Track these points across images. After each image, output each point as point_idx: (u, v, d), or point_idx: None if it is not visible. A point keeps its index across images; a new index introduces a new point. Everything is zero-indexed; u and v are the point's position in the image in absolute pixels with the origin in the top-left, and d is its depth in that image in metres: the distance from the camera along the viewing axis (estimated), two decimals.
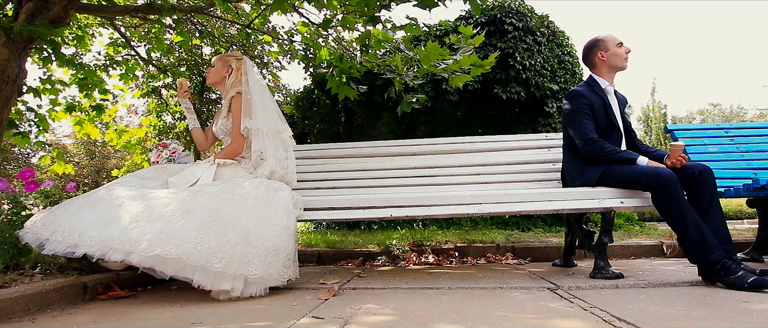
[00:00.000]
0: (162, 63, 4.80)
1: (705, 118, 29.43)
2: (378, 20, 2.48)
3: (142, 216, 1.72)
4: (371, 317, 1.40)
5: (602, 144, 2.15)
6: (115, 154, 13.90)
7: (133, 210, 1.75)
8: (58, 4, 2.34)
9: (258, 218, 1.83)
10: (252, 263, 1.73)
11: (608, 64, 2.27)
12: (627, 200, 2.09)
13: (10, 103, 2.37)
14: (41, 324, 1.38)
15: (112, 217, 1.73)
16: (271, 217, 1.87)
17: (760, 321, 1.25)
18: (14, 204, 1.99)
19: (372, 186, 2.76)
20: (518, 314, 1.41)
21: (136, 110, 8.66)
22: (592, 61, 2.32)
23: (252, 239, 1.76)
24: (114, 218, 1.73)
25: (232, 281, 1.69)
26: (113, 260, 1.64)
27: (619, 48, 2.26)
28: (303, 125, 5.97)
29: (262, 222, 1.82)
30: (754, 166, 2.61)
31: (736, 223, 7.51)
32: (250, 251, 1.74)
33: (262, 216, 1.84)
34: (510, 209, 2.13)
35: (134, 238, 1.64)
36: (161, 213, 1.73)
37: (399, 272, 2.48)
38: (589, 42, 2.34)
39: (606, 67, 2.29)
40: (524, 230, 4.33)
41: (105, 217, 1.74)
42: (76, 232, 1.69)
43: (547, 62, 4.90)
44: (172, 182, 2.07)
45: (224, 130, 2.31)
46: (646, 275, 2.09)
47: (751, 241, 2.84)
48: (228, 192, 1.88)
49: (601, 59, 2.28)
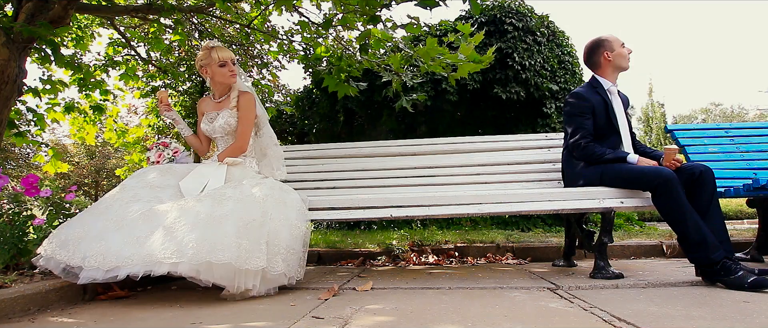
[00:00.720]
0: (162, 63, 4.80)
1: (706, 117, 29.44)
2: (378, 19, 2.48)
3: (175, 228, 1.71)
4: (371, 317, 1.40)
5: (592, 148, 2.16)
6: (115, 154, 13.91)
7: (165, 224, 1.74)
8: (58, 4, 2.34)
9: (278, 218, 1.88)
10: (274, 260, 1.79)
11: (613, 64, 2.27)
12: (627, 200, 2.09)
13: (10, 103, 2.37)
14: (41, 324, 1.38)
15: (145, 234, 1.71)
16: (287, 217, 1.92)
17: (760, 321, 1.25)
18: (15, 204, 1.99)
19: (372, 186, 2.75)
20: (518, 314, 1.41)
21: (135, 110, 8.67)
22: (597, 62, 2.30)
23: (273, 238, 1.81)
24: (147, 234, 1.70)
25: (254, 279, 1.73)
26: (159, 273, 1.62)
27: (623, 48, 2.26)
28: (302, 125, 5.97)
29: (281, 222, 1.88)
30: (754, 166, 2.61)
31: (736, 223, 7.52)
32: (272, 249, 1.79)
33: (281, 217, 1.90)
34: (510, 209, 2.12)
35: (177, 249, 1.63)
36: (194, 223, 1.72)
37: (399, 272, 2.48)
38: (592, 42, 2.32)
39: (611, 67, 2.28)
40: (524, 230, 4.33)
41: (136, 235, 1.70)
42: (111, 255, 1.64)
43: (547, 62, 4.90)
44: (184, 187, 2.04)
45: (227, 129, 2.27)
46: (646, 275, 2.09)
47: (751, 241, 2.84)
48: (250, 195, 1.89)
49: (606, 59, 2.27)
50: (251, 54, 4.94)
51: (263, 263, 1.70)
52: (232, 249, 1.66)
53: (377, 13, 2.44)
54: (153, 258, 1.62)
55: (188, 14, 3.77)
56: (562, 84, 4.93)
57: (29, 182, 2.02)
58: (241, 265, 1.66)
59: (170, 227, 1.72)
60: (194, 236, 1.66)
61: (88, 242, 1.70)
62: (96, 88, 4.01)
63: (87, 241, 1.70)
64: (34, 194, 2.03)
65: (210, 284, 1.68)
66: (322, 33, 3.27)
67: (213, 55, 2.24)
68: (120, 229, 1.74)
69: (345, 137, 5.50)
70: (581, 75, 5.17)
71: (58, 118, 4.05)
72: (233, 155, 2.21)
